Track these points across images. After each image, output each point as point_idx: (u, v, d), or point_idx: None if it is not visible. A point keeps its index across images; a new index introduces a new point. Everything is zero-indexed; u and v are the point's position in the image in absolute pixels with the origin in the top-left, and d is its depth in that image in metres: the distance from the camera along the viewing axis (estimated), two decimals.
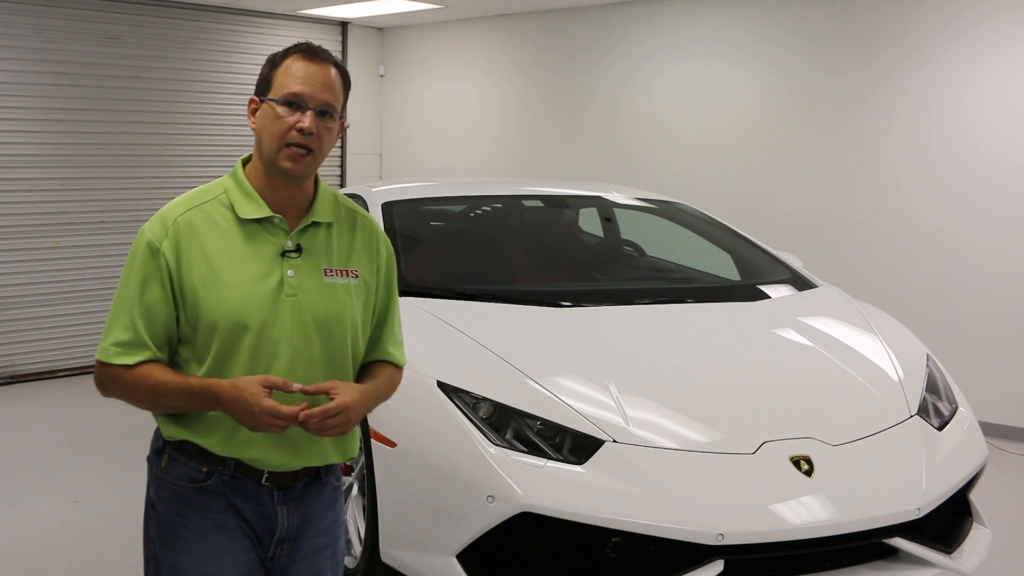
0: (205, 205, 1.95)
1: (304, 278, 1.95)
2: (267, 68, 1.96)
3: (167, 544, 1.98)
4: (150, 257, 1.92)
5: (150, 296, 1.91)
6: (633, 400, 3.02)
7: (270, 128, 1.92)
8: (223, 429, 1.93)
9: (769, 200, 6.50)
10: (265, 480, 1.97)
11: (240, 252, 1.92)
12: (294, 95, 1.90)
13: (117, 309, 1.94)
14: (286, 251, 1.95)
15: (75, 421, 5.86)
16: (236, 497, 1.96)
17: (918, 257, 5.93)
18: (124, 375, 1.91)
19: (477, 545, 2.83)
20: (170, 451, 1.99)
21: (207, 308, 1.89)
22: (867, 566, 2.95)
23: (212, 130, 7.56)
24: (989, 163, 5.64)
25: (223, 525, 1.97)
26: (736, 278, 4.28)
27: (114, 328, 1.93)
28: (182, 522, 1.97)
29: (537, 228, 4.78)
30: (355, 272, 2.03)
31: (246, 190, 1.96)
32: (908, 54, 5.89)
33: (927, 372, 3.50)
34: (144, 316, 1.91)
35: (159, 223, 1.94)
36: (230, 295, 1.90)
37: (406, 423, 3.06)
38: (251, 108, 1.97)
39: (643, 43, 7.09)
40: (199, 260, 1.90)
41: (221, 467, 1.95)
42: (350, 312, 2.00)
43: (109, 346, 1.92)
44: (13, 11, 6.49)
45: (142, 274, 1.92)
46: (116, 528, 4.25)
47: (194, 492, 1.96)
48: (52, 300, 6.84)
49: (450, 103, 8.37)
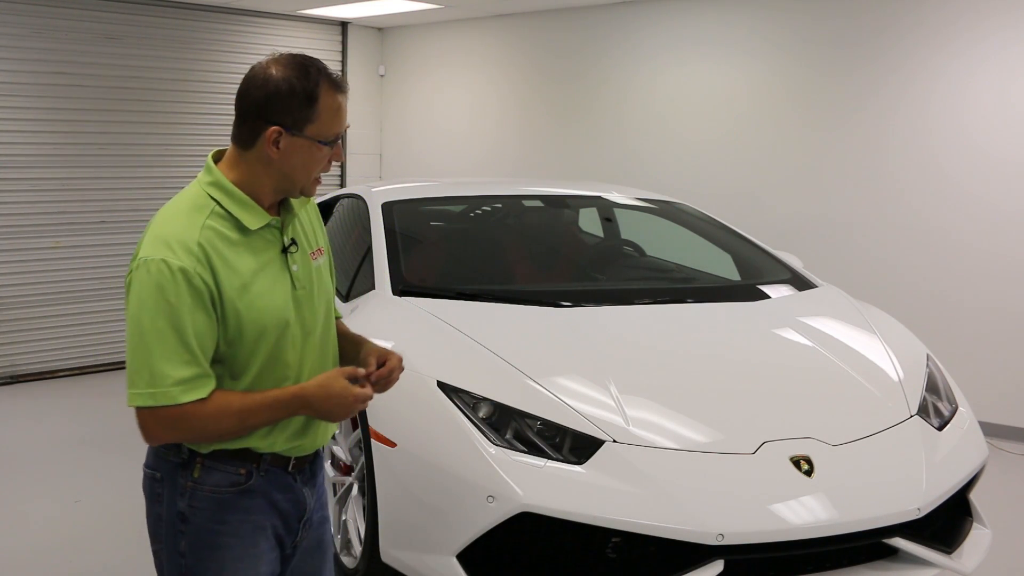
0: (208, 221, 1.90)
1: (303, 269, 2.04)
2: (295, 101, 1.89)
3: (206, 554, 1.98)
4: (187, 285, 1.83)
5: (200, 324, 1.85)
6: (633, 400, 3.03)
7: (307, 164, 1.94)
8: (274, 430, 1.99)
9: (769, 200, 6.51)
10: (291, 467, 2.05)
11: (255, 260, 1.94)
12: (338, 135, 1.96)
13: (161, 345, 1.82)
14: (286, 248, 2.01)
15: (75, 421, 5.87)
16: (273, 491, 2.03)
17: (918, 257, 5.93)
18: (200, 410, 1.85)
19: (477, 545, 2.83)
20: (201, 460, 1.97)
21: (249, 319, 1.90)
22: (867, 566, 2.95)
23: (212, 130, 7.55)
24: (988, 163, 5.64)
25: (261, 526, 2.02)
26: (736, 278, 4.29)
27: (164, 365, 1.81)
28: (223, 529, 1.97)
29: (537, 228, 4.78)
30: (321, 248, 2.14)
31: (241, 200, 1.94)
32: (908, 54, 5.89)
33: (927, 372, 3.50)
34: (200, 345, 1.85)
35: (182, 250, 1.85)
36: (265, 302, 1.93)
37: (406, 423, 3.07)
38: (272, 139, 1.90)
39: (644, 43, 7.09)
40: (231, 276, 1.89)
41: (257, 464, 2.00)
42: (330, 287, 2.16)
43: (171, 387, 1.81)
44: (13, 11, 6.49)
45: (185, 303, 1.83)
46: (116, 528, 4.25)
47: (236, 496, 1.98)
48: (52, 300, 6.84)
49: (450, 103, 8.38)
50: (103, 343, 7.11)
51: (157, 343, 1.81)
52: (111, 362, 7.15)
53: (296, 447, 2.05)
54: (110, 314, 7.12)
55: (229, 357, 1.92)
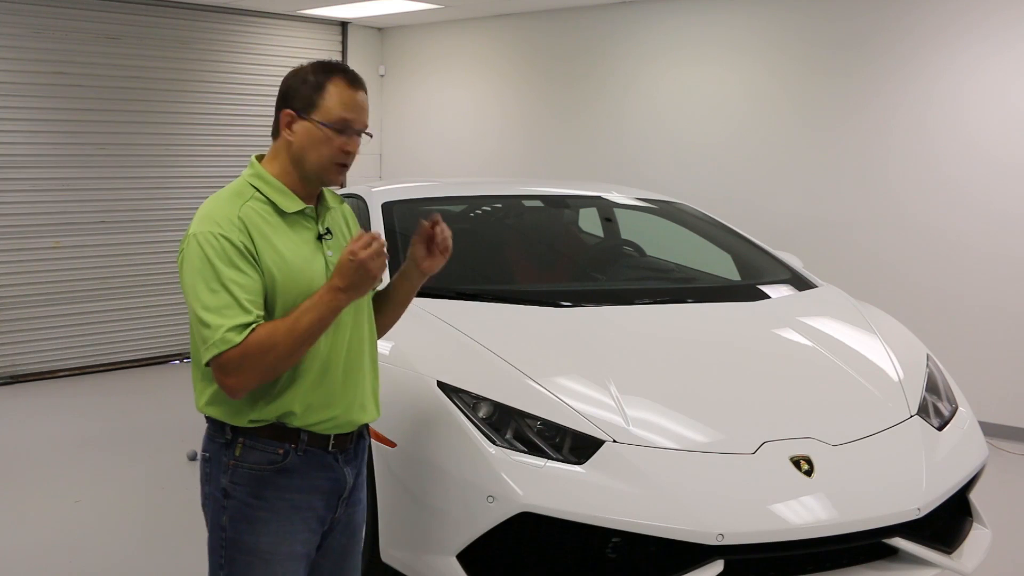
0: (249, 203, 2.12)
1: (336, 255, 2.19)
2: (309, 89, 2.13)
3: (242, 527, 2.14)
4: (232, 248, 2.04)
5: (249, 276, 2.04)
6: (633, 400, 3.02)
7: (319, 148, 2.13)
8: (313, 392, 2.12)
9: (769, 200, 6.51)
10: (332, 446, 2.19)
11: (291, 239, 2.14)
12: (345, 122, 2.13)
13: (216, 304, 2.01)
14: (321, 235, 2.20)
15: (75, 421, 5.87)
16: (312, 470, 2.16)
17: (918, 257, 5.93)
18: (253, 341, 1.99)
19: (477, 545, 2.83)
20: (243, 440, 2.14)
21: (283, 286, 2.08)
22: (867, 566, 2.95)
23: (212, 130, 7.56)
24: (988, 163, 5.64)
25: (298, 505, 2.16)
26: (736, 278, 4.28)
27: (222, 320, 2.00)
28: (260, 504, 2.13)
29: (537, 228, 4.78)
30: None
31: (279, 188, 2.16)
32: (908, 55, 5.89)
33: (927, 372, 3.50)
34: (251, 300, 2.03)
35: (225, 222, 2.06)
36: (300, 273, 2.11)
37: (406, 423, 3.06)
38: (286, 121, 2.15)
39: (644, 43, 7.09)
40: (268, 247, 2.09)
41: (295, 444, 2.14)
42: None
43: (225, 333, 1.99)
44: (13, 11, 6.50)
45: (230, 263, 2.03)
46: (116, 528, 4.26)
47: (273, 474, 2.13)
48: (52, 300, 6.84)
49: (450, 103, 8.38)
50: (103, 343, 7.11)
51: (212, 302, 2.02)
52: (111, 362, 7.16)
53: (331, 420, 2.16)
54: (110, 314, 7.12)
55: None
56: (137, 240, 7.11)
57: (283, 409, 2.11)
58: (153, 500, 4.57)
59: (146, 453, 5.23)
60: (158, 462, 5.07)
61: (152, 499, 4.59)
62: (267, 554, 2.13)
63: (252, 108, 7.69)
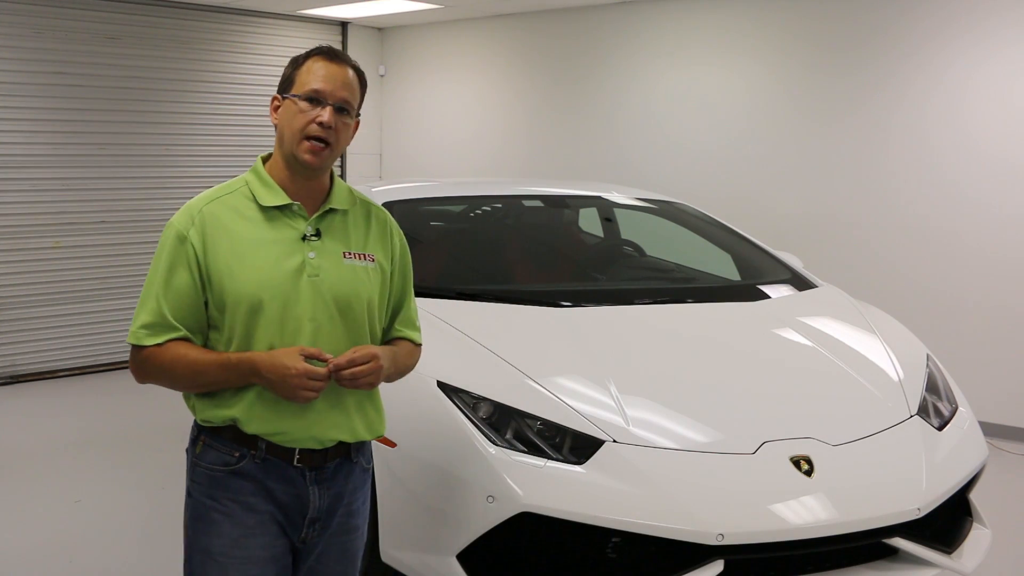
0: (227, 197, 2.11)
1: (324, 259, 2.10)
2: (289, 68, 2.15)
3: (198, 528, 2.11)
4: (178, 245, 2.05)
5: (178, 281, 2.04)
6: (633, 400, 3.03)
7: (291, 122, 2.08)
8: (258, 403, 2.05)
9: (769, 200, 6.50)
10: (297, 461, 2.09)
11: (262, 236, 2.07)
12: (315, 91, 2.07)
13: (145, 296, 2.07)
14: (307, 235, 2.11)
15: (75, 421, 5.87)
16: (268, 479, 2.08)
17: (917, 257, 5.93)
18: (158, 355, 2.03)
19: (477, 545, 2.83)
20: (204, 438, 2.12)
21: (231, 288, 2.03)
22: (867, 566, 2.95)
23: (212, 130, 7.56)
24: (988, 163, 5.64)
25: (253, 508, 2.08)
26: (736, 278, 4.28)
27: (141, 313, 2.05)
28: (213, 505, 2.09)
29: (537, 228, 4.78)
30: (371, 256, 2.19)
31: (266, 181, 2.13)
32: (907, 55, 5.89)
33: (927, 372, 3.50)
34: (169, 300, 2.04)
35: (186, 214, 2.09)
36: (252, 275, 2.04)
37: (406, 423, 3.06)
38: (273, 105, 2.15)
39: (644, 43, 7.09)
40: (224, 245, 2.05)
41: (253, 450, 2.08)
42: (367, 292, 2.16)
43: (138, 329, 2.05)
44: (13, 11, 6.49)
45: (169, 261, 2.05)
46: (116, 528, 4.26)
47: (226, 475, 2.09)
48: (52, 300, 6.84)
49: (450, 103, 8.38)
50: (103, 343, 7.10)
51: (146, 291, 2.07)
52: (111, 362, 7.15)
53: (282, 434, 2.06)
54: (110, 314, 7.12)
55: (220, 324, 2.06)
56: (137, 240, 7.11)
57: (226, 414, 2.06)
58: (153, 500, 4.57)
59: (146, 453, 5.23)
60: (158, 462, 5.07)
61: (152, 499, 4.58)
62: (220, 556, 2.07)
63: (252, 108, 7.68)
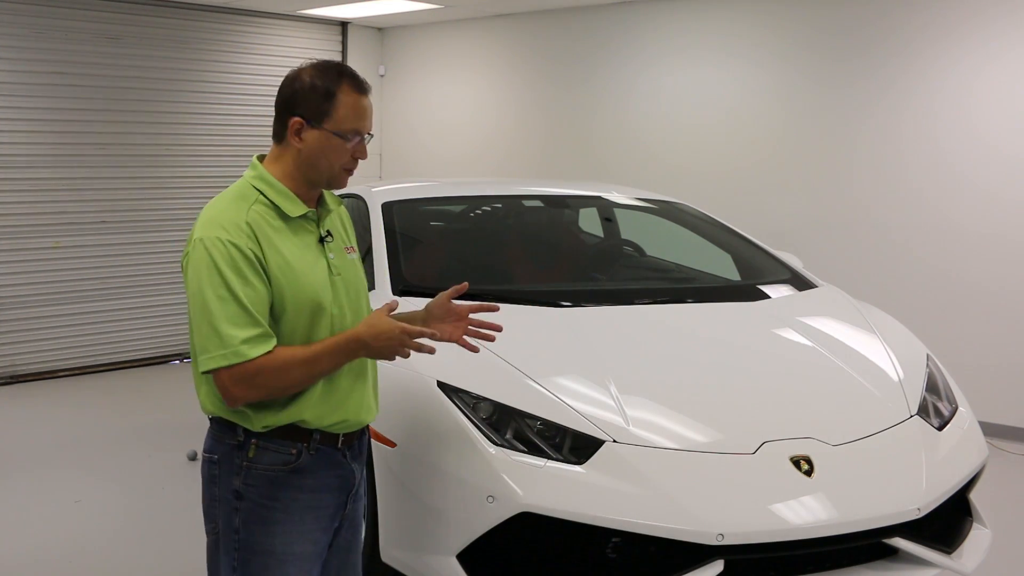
0: (254, 207, 2.12)
1: (339, 258, 2.24)
2: (315, 95, 2.11)
3: (258, 529, 2.14)
4: (240, 256, 2.04)
5: (256, 289, 2.05)
6: (633, 400, 3.02)
7: (330, 156, 2.14)
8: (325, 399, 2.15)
9: (769, 200, 6.50)
10: (341, 444, 2.22)
11: (295, 243, 2.15)
12: (357, 131, 2.15)
13: (224, 312, 2.01)
14: (323, 238, 2.21)
15: (75, 421, 5.87)
16: (323, 468, 2.19)
17: (917, 257, 5.93)
18: (270, 362, 2.03)
19: (477, 545, 2.83)
20: (256, 441, 2.14)
21: (291, 294, 2.09)
22: (867, 566, 2.95)
23: (212, 130, 7.56)
24: (994, 164, 5.63)
25: (310, 505, 2.18)
26: (736, 278, 4.28)
27: (231, 329, 2.00)
28: (274, 506, 2.14)
29: (537, 228, 4.78)
30: (352, 247, 2.35)
31: (283, 192, 2.15)
32: (914, 54, 5.88)
33: (927, 372, 3.50)
34: (258, 308, 2.05)
35: (232, 227, 2.06)
36: (306, 280, 2.12)
37: (406, 423, 3.06)
38: (295, 128, 2.13)
39: (644, 43, 7.09)
40: (275, 253, 2.09)
41: (307, 443, 2.16)
42: (363, 279, 2.35)
43: (240, 345, 2.00)
44: (13, 11, 6.50)
45: (237, 272, 2.03)
46: (116, 528, 4.26)
47: (287, 474, 2.15)
48: (52, 300, 6.84)
49: (450, 103, 8.37)
50: (103, 343, 7.11)
51: (220, 310, 2.01)
52: (111, 362, 7.15)
53: (342, 422, 2.20)
54: (110, 314, 7.12)
55: (275, 330, 2.10)
56: (137, 240, 7.11)
57: (295, 417, 2.14)
58: (153, 500, 4.57)
59: (146, 453, 5.23)
60: (158, 462, 5.07)
61: (152, 499, 4.58)
62: (282, 554, 2.14)
63: (252, 108, 7.69)
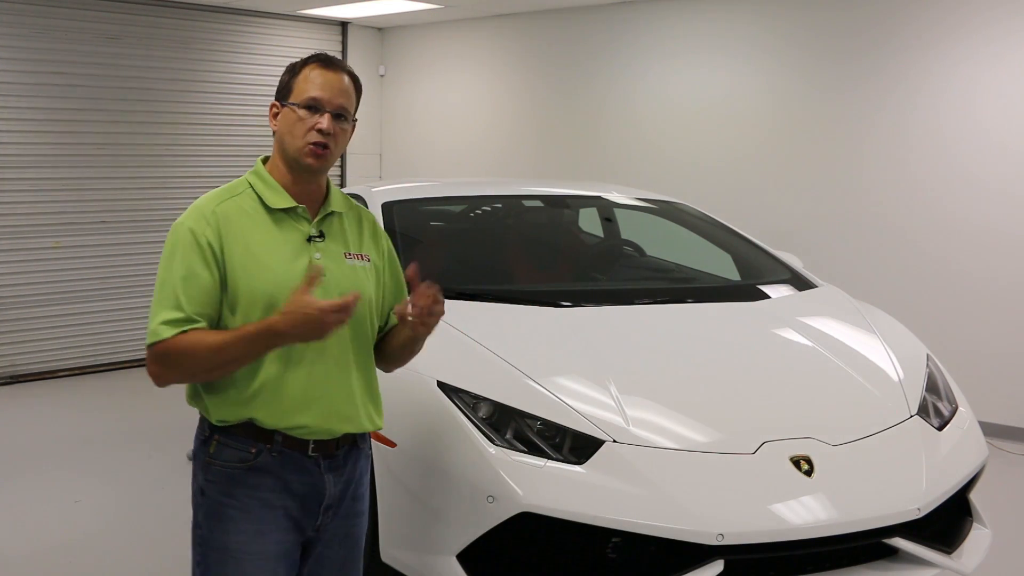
0: (236, 198, 2.16)
1: (329, 260, 2.18)
2: (287, 76, 2.20)
3: (214, 525, 2.15)
4: (194, 244, 2.07)
5: (199, 278, 2.06)
6: (633, 400, 3.02)
7: (292, 130, 2.15)
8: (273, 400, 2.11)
9: (769, 200, 6.50)
10: (312, 451, 2.16)
11: (272, 237, 2.14)
12: (313, 100, 2.14)
13: (161, 296, 2.07)
14: (312, 237, 2.18)
15: (75, 421, 5.87)
16: (285, 471, 2.14)
17: (917, 258, 5.93)
18: (178, 343, 2.03)
19: (477, 545, 2.83)
20: (218, 437, 2.15)
21: (247, 288, 2.08)
22: (867, 566, 2.95)
23: (212, 130, 7.56)
24: (1002, 158, 5.63)
25: (270, 504, 2.14)
26: (736, 278, 4.28)
27: (160, 311, 2.05)
28: (230, 503, 2.13)
29: (537, 228, 4.78)
30: (367, 256, 2.28)
31: (271, 184, 2.18)
32: (920, 53, 5.88)
33: (927, 372, 3.50)
34: (190, 296, 2.05)
35: (197, 214, 2.11)
36: (268, 275, 2.10)
37: (406, 423, 3.06)
38: (272, 112, 2.21)
39: (644, 43, 7.09)
40: (238, 245, 2.10)
41: (269, 444, 2.13)
42: (367, 290, 2.24)
43: (158, 326, 2.04)
44: (13, 11, 6.49)
45: (187, 260, 2.06)
46: (116, 528, 4.26)
47: (244, 472, 2.13)
48: (52, 300, 6.84)
49: (450, 103, 8.37)
50: (103, 343, 7.10)
51: (159, 291, 2.08)
52: (111, 362, 7.15)
53: (303, 428, 2.13)
54: (110, 314, 7.12)
55: (230, 323, 2.09)
56: (137, 240, 7.11)
57: (246, 414, 2.12)
58: (153, 500, 4.57)
59: (146, 453, 5.23)
60: (158, 462, 5.08)
61: (152, 499, 4.59)
62: (238, 552, 2.13)
63: (252, 108, 7.68)
